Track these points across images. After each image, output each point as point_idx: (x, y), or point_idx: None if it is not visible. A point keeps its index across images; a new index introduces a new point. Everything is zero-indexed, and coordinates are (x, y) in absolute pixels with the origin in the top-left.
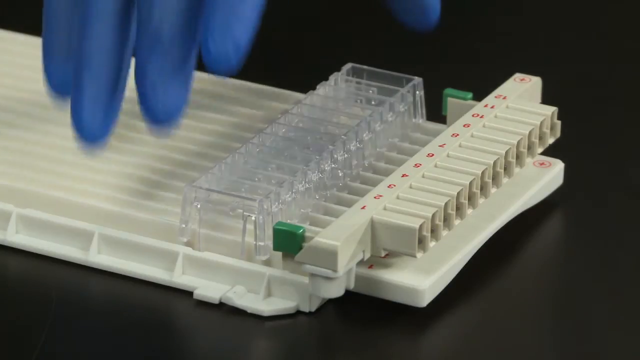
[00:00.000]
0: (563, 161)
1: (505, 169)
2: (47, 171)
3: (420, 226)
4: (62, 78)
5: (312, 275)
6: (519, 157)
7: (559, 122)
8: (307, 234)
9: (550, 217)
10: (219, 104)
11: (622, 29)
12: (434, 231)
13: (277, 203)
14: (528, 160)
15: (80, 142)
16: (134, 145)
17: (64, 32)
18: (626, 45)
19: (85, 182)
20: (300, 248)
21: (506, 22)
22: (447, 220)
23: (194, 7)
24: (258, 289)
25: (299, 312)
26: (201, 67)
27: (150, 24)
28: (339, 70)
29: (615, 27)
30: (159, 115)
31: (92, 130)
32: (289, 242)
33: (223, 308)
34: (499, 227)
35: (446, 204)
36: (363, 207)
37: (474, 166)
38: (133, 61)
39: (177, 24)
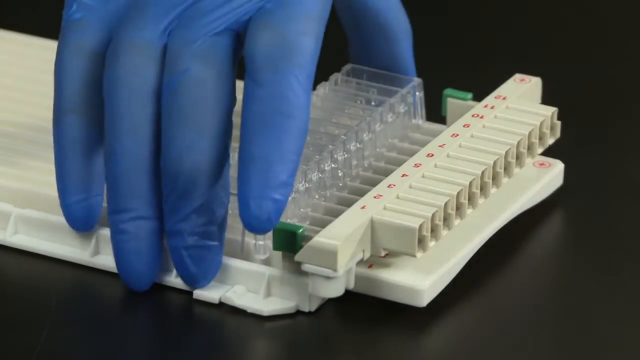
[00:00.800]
0: (563, 162)
1: (505, 169)
2: (47, 171)
3: (420, 226)
4: (84, 211)
5: (312, 275)
6: (518, 157)
7: (559, 123)
8: (307, 233)
9: (550, 218)
10: None
11: (622, 29)
12: (433, 231)
13: None
14: (528, 161)
15: (130, 286)
16: None
17: (83, 163)
18: (626, 46)
19: None
20: (300, 248)
21: (506, 22)
22: (447, 220)
23: (222, 160)
24: (258, 288)
25: (298, 312)
26: None
27: (179, 182)
28: (339, 70)
29: (615, 27)
30: (196, 282)
31: (141, 279)
32: (288, 241)
33: (223, 308)
34: (499, 227)
35: (446, 203)
36: (363, 207)
37: (474, 166)
38: None
39: (207, 179)
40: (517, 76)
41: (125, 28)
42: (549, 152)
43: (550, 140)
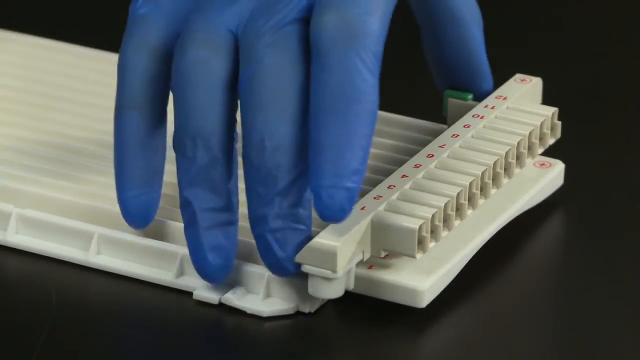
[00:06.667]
0: (563, 162)
1: (505, 169)
2: (48, 171)
3: (420, 227)
4: (140, 206)
5: (312, 276)
6: (519, 157)
7: (559, 123)
8: None
9: (550, 218)
10: None
11: (622, 29)
12: (433, 232)
13: None
14: (528, 161)
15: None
16: None
17: (142, 159)
18: (627, 45)
19: (86, 182)
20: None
21: (506, 22)
22: (447, 220)
23: (303, 143)
24: (257, 289)
25: (298, 313)
26: None
27: (263, 168)
28: None
29: (615, 27)
30: (283, 268)
31: (216, 273)
32: None
33: (223, 309)
34: (499, 228)
35: (446, 204)
36: (363, 208)
37: (474, 167)
38: None
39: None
40: (518, 76)
41: (194, 22)
42: (550, 152)
43: (551, 141)
